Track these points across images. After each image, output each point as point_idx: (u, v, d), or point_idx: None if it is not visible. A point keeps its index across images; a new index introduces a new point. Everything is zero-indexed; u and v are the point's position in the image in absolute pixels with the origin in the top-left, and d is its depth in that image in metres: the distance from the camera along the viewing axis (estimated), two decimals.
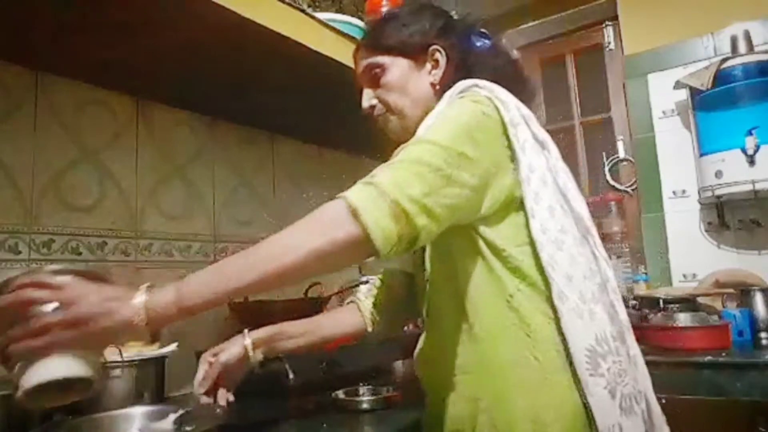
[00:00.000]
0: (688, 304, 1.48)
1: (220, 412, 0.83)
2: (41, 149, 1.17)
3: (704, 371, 1.27)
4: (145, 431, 0.86)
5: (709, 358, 1.28)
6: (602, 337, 0.71)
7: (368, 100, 0.91)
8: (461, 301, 0.78)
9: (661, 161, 1.94)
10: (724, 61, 1.66)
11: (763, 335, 1.46)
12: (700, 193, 1.79)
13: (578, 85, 2.38)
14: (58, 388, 0.58)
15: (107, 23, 1.00)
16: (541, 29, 2.39)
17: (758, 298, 1.49)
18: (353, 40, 1.26)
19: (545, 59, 2.46)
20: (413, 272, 0.92)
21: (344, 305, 1.06)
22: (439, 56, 0.87)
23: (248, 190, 1.67)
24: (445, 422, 0.79)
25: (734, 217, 1.79)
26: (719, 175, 1.65)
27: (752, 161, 1.58)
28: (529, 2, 2.35)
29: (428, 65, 0.88)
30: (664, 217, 1.92)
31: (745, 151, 1.59)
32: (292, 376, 1.03)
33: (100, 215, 1.26)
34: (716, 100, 1.67)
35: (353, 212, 0.62)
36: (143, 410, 0.90)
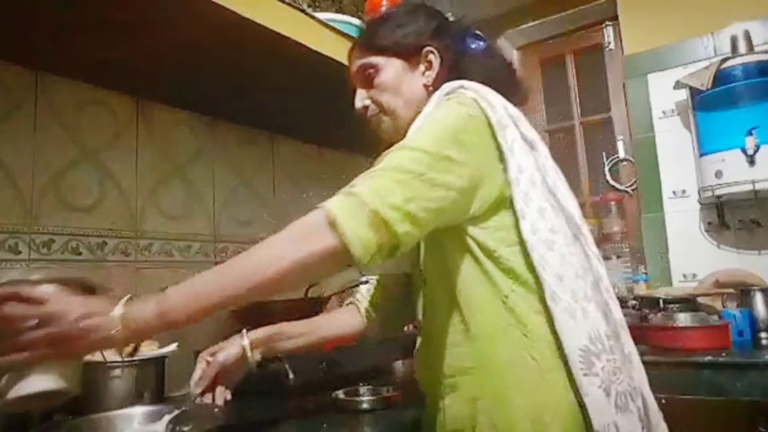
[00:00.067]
0: (688, 304, 1.47)
1: (218, 411, 0.83)
2: (41, 149, 1.17)
3: (704, 371, 1.27)
4: None
5: (709, 358, 1.28)
6: (596, 336, 0.71)
7: (361, 100, 0.91)
8: (456, 301, 0.78)
9: (661, 161, 1.94)
10: (724, 61, 1.66)
11: (763, 335, 1.45)
12: (700, 193, 1.78)
13: (578, 85, 2.38)
14: (39, 396, 0.63)
15: (107, 23, 1.00)
16: (541, 29, 2.39)
17: (758, 298, 1.49)
18: (353, 40, 1.25)
19: (545, 59, 2.46)
20: (410, 272, 0.92)
21: (344, 306, 1.06)
22: (432, 57, 0.87)
23: (248, 190, 1.67)
24: (444, 422, 0.79)
25: (734, 217, 1.79)
26: (719, 175, 1.64)
27: (752, 161, 1.58)
28: (529, 2, 2.34)
29: (422, 66, 0.88)
30: (664, 217, 1.92)
31: (745, 151, 1.59)
32: (291, 376, 1.03)
33: (100, 215, 1.26)
34: (716, 100, 1.67)
35: (331, 223, 0.63)
36: (143, 410, 0.90)
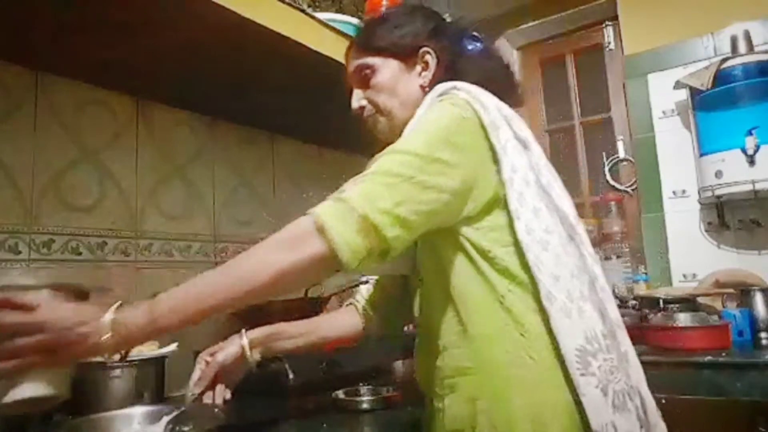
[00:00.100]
0: (688, 304, 1.47)
1: (218, 411, 0.83)
2: (41, 149, 1.17)
3: (704, 371, 1.27)
4: None
5: (709, 358, 1.28)
6: (592, 335, 0.71)
7: (358, 100, 0.91)
8: (453, 302, 0.78)
9: (661, 161, 1.94)
10: (724, 61, 1.66)
11: (763, 335, 1.45)
12: (700, 193, 1.78)
13: (578, 85, 2.38)
14: (27, 402, 0.64)
15: (107, 23, 1.00)
16: (541, 29, 2.39)
17: (758, 298, 1.49)
18: (353, 40, 1.26)
19: (545, 59, 2.45)
20: (408, 273, 0.92)
21: (343, 307, 1.06)
22: (429, 58, 0.87)
23: (248, 190, 1.67)
24: (444, 423, 0.79)
25: (734, 217, 1.78)
26: (719, 175, 1.64)
27: (752, 161, 1.58)
28: (529, 2, 2.34)
29: (418, 67, 0.88)
30: (664, 217, 1.91)
31: (745, 151, 1.59)
32: (291, 376, 1.03)
33: (100, 215, 1.26)
34: (716, 100, 1.67)
35: (319, 229, 0.64)
36: (142, 410, 0.90)
